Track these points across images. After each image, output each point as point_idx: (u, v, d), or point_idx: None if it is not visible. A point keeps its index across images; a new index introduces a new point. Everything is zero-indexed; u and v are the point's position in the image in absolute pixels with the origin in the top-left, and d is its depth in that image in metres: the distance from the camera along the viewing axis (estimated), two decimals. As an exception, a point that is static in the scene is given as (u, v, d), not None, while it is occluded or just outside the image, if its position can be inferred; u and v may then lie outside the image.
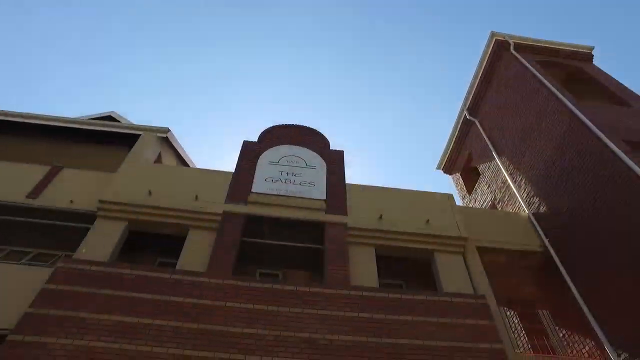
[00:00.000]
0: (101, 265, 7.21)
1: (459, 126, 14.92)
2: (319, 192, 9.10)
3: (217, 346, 6.18)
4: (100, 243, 7.85)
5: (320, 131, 10.96)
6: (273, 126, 10.95)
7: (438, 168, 16.19)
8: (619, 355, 7.35)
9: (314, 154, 10.14)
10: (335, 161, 10.07)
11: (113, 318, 6.39)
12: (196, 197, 8.61)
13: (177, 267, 7.58)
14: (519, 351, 8.11)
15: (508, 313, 10.67)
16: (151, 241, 8.79)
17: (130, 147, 10.65)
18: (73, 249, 7.87)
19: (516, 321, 10.51)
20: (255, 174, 9.37)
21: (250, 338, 6.32)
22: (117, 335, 6.18)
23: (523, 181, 11.02)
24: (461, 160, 15.27)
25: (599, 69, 12.64)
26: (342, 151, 10.33)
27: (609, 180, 8.07)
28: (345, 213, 8.78)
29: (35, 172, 9.38)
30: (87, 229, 8.23)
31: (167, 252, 8.89)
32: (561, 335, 9.16)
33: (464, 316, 7.19)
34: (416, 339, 6.70)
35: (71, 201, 8.77)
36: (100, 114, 13.61)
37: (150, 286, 6.89)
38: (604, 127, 8.62)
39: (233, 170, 9.53)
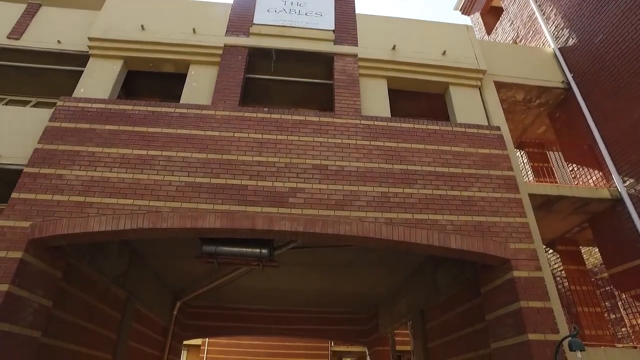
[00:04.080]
0: (102, 103, 6.93)
1: (484, -44, 13.04)
2: (327, 22, 8.25)
3: (228, 173, 6.19)
4: (97, 83, 7.46)
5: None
6: (272, -48, 9.52)
7: (456, 9, 14.68)
8: (624, 182, 7.51)
9: (320, -19, 8.96)
10: (344, -11, 8.94)
11: (121, 151, 6.34)
12: (194, 31, 7.87)
13: (181, 102, 7.25)
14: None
15: (519, 153, 10.68)
16: (152, 82, 8.39)
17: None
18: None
19: (526, 160, 10.56)
20: (256, 4, 8.43)
21: (261, 165, 6.30)
22: (127, 166, 6.20)
23: (553, 12, 9.91)
24: (482, -3, 13.72)
25: None
26: (352, -21, 9.09)
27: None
28: (355, 44, 8.08)
29: (8, 10, 8.47)
30: (81, 73, 7.74)
31: (169, 96, 8.54)
32: (570, 170, 9.20)
33: (477, 146, 7.04)
34: (428, 165, 6.66)
35: (59, 41, 8.11)
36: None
37: (155, 120, 6.69)
38: None
39: (232, 2, 8.56)
